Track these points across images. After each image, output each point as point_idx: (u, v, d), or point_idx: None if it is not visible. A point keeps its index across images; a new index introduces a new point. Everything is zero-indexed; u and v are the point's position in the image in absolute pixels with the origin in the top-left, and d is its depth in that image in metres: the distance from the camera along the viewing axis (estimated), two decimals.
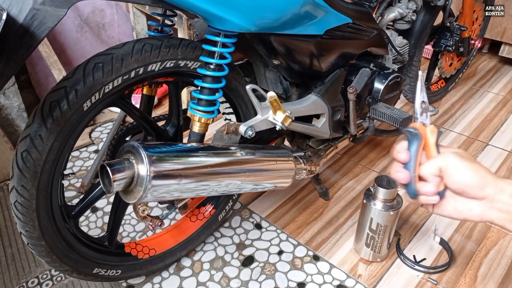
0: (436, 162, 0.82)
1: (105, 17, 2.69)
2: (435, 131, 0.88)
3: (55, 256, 1.27)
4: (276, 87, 1.63)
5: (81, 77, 1.09)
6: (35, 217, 1.17)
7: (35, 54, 2.39)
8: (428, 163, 0.84)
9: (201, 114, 1.30)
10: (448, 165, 0.81)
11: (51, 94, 1.08)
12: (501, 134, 2.49)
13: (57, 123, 1.08)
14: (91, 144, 2.36)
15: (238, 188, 1.32)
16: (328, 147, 1.76)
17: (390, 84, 1.72)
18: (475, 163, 0.81)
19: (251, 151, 1.35)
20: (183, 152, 1.19)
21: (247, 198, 2.02)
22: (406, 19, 1.96)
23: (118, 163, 1.10)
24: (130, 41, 1.18)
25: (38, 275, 1.63)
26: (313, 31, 1.42)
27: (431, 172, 0.83)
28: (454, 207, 0.84)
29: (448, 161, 0.81)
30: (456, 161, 0.80)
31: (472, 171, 0.79)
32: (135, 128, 1.54)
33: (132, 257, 1.54)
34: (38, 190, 1.14)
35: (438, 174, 0.82)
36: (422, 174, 0.84)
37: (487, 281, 1.64)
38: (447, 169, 0.81)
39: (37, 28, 0.87)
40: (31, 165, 1.10)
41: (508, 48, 3.20)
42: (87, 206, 1.42)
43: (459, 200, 0.83)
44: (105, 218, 1.89)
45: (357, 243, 1.72)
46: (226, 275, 1.66)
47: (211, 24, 1.21)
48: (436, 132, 0.87)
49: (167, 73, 1.29)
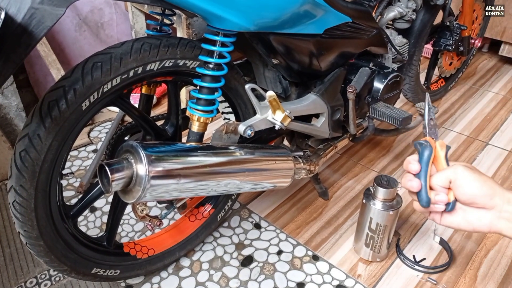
0: (446, 174, 0.87)
1: (104, 16, 2.69)
2: (444, 145, 0.95)
3: (54, 256, 1.27)
4: (275, 86, 1.63)
5: (80, 76, 1.09)
6: (33, 217, 1.17)
7: (33, 53, 2.39)
8: (438, 174, 0.89)
9: (200, 113, 1.30)
10: (458, 177, 0.86)
11: (49, 94, 1.09)
12: (501, 134, 2.49)
13: (56, 123, 1.09)
14: (89, 144, 2.36)
15: (237, 187, 1.32)
16: (328, 146, 1.76)
17: (389, 83, 1.72)
18: (483, 175, 0.86)
19: (250, 150, 1.35)
20: (182, 151, 1.19)
21: (246, 197, 2.02)
22: (406, 18, 1.97)
23: (117, 163, 1.10)
24: (129, 40, 1.18)
25: (36, 275, 1.63)
26: (312, 30, 1.42)
27: (441, 183, 0.88)
28: (464, 217, 0.89)
29: (458, 173, 0.86)
30: (465, 173, 0.85)
31: (481, 182, 0.84)
32: (133, 128, 1.54)
33: (131, 257, 1.54)
34: (37, 190, 1.14)
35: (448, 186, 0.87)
36: (433, 185, 0.89)
37: (487, 281, 1.64)
38: (457, 181, 0.86)
39: (35, 27, 0.87)
40: (29, 165, 1.10)
41: (508, 47, 3.20)
42: (85, 206, 1.42)
43: (468, 211, 0.88)
44: (103, 218, 1.89)
45: (357, 243, 1.72)
46: (225, 275, 1.66)
47: (210, 23, 1.21)
48: (445, 147, 0.95)
49: (166, 73, 1.29)
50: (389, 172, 2.18)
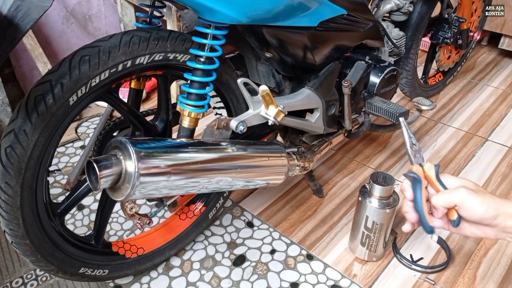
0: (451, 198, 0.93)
1: (92, 9, 2.69)
2: (432, 167, 1.00)
3: (40, 255, 1.27)
4: (268, 80, 1.63)
5: (67, 70, 1.10)
6: (19, 215, 1.17)
7: (19, 46, 2.38)
8: (441, 196, 0.95)
9: (191, 108, 1.30)
10: (464, 201, 0.91)
11: (36, 88, 1.09)
12: (501, 129, 2.51)
13: (42, 118, 1.09)
14: (77, 140, 2.36)
15: (229, 185, 1.33)
16: (322, 142, 1.77)
17: (386, 77, 1.73)
18: (487, 196, 0.91)
19: (243, 147, 1.35)
20: (173, 148, 1.20)
21: (239, 195, 2.03)
22: (403, 10, 1.97)
23: (105, 159, 1.10)
24: (117, 33, 1.18)
25: (22, 274, 1.64)
26: (306, 22, 1.42)
27: (444, 205, 0.94)
28: (470, 231, 0.96)
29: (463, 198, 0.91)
30: (470, 198, 0.91)
31: (486, 206, 0.90)
32: (122, 123, 1.54)
33: (120, 256, 1.54)
34: (23, 187, 1.15)
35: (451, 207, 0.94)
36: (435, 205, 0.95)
37: (486, 281, 1.65)
38: (462, 205, 0.91)
39: (21, 19, 0.87)
40: (15, 161, 1.10)
41: (508, 41, 3.21)
42: (73, 204, 1.42)
43: (474, 226, 0.95)
44: (91, 216, 1.90)
45: (352, 242, 1.73)
46: (216, 275, 1.67)
47: (201, 15, 1.21)
48: (433, 167, 0.99)
49: (155, 66, 1.30)
50: (386, 169, 2.19)
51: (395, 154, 2.30)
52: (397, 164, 2.23)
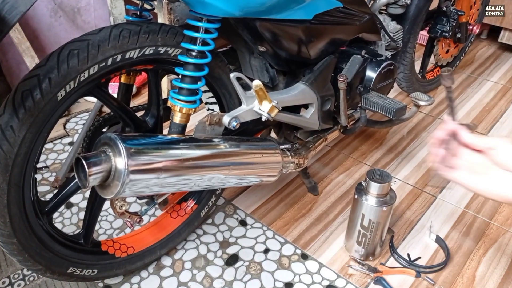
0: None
1: (80, 1, 2.68)
2: None
3: (27, 255, 1.27)
4: (262, 75, 1.64)
5: (55, 64, 1.10)
6: (6, 213, 1.17)
7: (6, 40, 2.37)
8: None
9: (183, 104, 1.31)
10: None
11: (23, 83, 1.09)
12: (501, 125, 2.52)
13: (30, 114, 1.09)
14: (65, 136, 2.36)
15: (221, 182, 1.33)
16: (317, 139, 1.77)
17: (383, 72, 1.73)
18: None
19: (235, 143, 1.36)
20: (163, 144, 1.20)
21: (231, 193, 2.03)
22: (400, 3, 1.98)
23: (94, 156, 1.10)
24: (107, 27, 1.18)
25: (9, 274, 1.64)
26: (301, 15, 1.43)
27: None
28: None
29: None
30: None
31: None
32: (112, 119, 1.55)
33: (109, 256, 1.55)
34: (9, 185, 1.15)
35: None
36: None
37: (485, 281, 1.66)
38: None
39: (8, 12, 0.88)
40: (1, 158, 1.10)
41: (508, 34, 3.22)
42: (61, 202, 1.42)
43: None
44: (80, 214, 1.90)
45: (348, 240, 1.73)
46: (208, 275, 1.67)
47: (193, 8, 1.22)
48: None
49: (146, 61, 1.30)
50: (382, 166, 2.20)
51: (392, 151, 2.31)
52: (394, 161, 2.24)
